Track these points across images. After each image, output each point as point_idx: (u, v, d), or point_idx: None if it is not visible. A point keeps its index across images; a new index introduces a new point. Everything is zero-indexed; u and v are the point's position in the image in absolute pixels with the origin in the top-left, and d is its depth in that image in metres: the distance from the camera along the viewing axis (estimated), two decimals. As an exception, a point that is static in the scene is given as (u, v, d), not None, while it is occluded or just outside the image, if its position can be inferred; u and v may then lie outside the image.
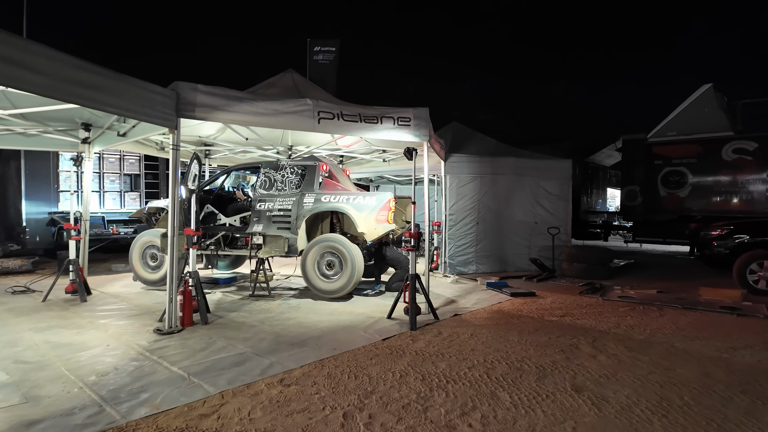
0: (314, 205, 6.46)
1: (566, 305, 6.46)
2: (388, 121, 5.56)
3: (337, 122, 5.37)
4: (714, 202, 12.05)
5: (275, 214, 6.64)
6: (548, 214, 9.48)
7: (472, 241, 9.03)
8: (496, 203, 9.18)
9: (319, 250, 6.40)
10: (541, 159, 9.65)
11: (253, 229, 6.67)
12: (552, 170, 9.53)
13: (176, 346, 4.39)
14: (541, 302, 6.63)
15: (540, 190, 9.44)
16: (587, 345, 4.59)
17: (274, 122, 5.22)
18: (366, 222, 6.30)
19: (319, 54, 17.45)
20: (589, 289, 7.55)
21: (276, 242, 6.52)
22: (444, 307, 6.17)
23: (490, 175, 9.12)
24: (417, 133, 5.69)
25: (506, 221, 9.26)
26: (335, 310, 5.92)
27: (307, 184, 6.70)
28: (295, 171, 6.81)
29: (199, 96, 4.92)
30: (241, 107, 5.10)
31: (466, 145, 9.38)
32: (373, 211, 6.30)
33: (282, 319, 5.40)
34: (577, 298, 7.00)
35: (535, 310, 6.14)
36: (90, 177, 6.94)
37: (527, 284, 8.04)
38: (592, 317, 5.77)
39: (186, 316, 5.06)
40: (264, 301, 6.40)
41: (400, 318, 5.43)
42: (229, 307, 6.02)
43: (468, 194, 8.97)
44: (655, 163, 13.11)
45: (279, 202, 6.65)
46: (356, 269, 6.21)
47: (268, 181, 6.88)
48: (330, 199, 6.44)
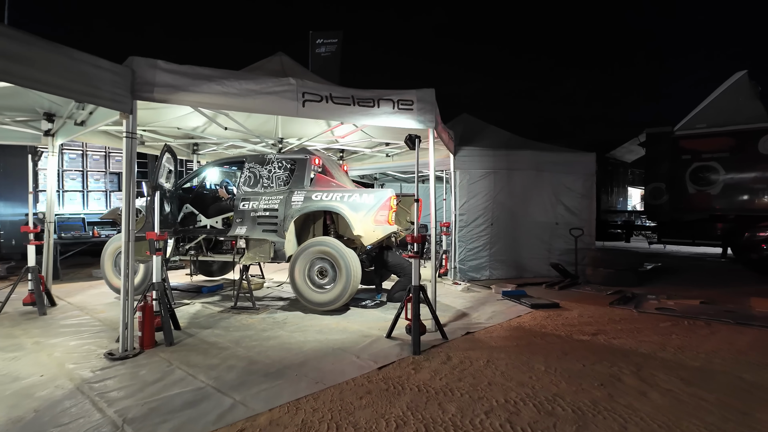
0: (304, 204, 5.63)
1: (596, 319, 5.55)
2: (387, 105, 4.71)
3: (326, 105, 4.52)
4: (750, 200, 10.99)
5: (260, 214, 5.82)
6: (570, 213, 8.55)
7: (486, 244, 8.13)
8: (511, 202, 8.28)
9: (309, 255, 5.56)
10: (562, 152, 8.72)
11: (236, 232, 5.86)
12: (574, 165, 8.59)
13: (125, 377, 3.58)
14: (567, 315, 5.72)
15: (561, 186, 8.51)
16: (632, 375, 3.69)
17: (251, 105, 4.39)
18: (363, 223, 5.45)
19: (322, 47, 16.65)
20: (620, 299, 6.62)
21: (260, 247, 5.70)
22: (454, 322, 5.30)
23: (505, 171, 8.22)
24: (421, 118, 4.83)
25: (523, 222, 8.35)
26: (326, 326, 5.07)
27: (296, 180, 5.87)
28: (283, 166, 5.99)
29: (160, 74, 4.11)
30: (210, 87, 4.28)
31: (478, 138, 8.49)
32: (372, 210, 5.44)
33: (261, 339, 4.57)
34: (607, 310, 6.08)
35: (561, 326, 5.23)
36: (54, 174, 6.18)
37: (548, 293, 7.13)
38: (629, 335, 4.85)
39: (146, 336, 4.25)
40: (247, 314, 5.58)
41: (402, 337, 4.57)
42: (205, 322, 5.21)
43: (480, 192, 8.07)
44: (682, 158, 12.10)
45: (264, 200, 5.83)
46: (352, 278, 5.37)
47: (253, 177, 6.06)
48: (322, 198, 5.60)
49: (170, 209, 5.94)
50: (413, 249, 4.42)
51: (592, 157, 8.76)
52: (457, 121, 9.52)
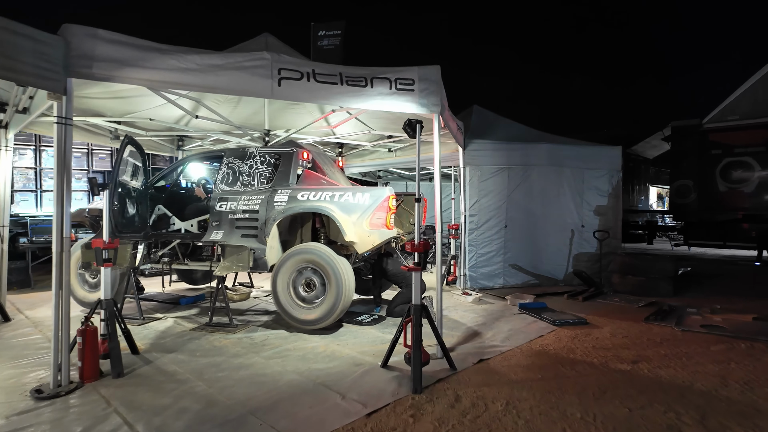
0: (288, 205, 4.82)
1: (633, 340, 4.68)
2: (382, 84, 3.88)
3: (307, 85, 3.71)
4: (790, 198, 10.03)
5: (239, 217, 5.02)
6: (593, 214, 7.66)
7: (499, 248, 7.28)
8: (528, 201, 7.41)
9: (294, 264, 4.76)
10: (585, 146, 7.82)
11: (211, 237, 5.07)
12: (599, 160, 7.70)
13: (44, 426, 2.80)
14: (598, 335, 4.85)
15: (583, 184, 7.63)
16: (696, 426, 2.84)
17: (213, 83, 3.59)
18: (356, 227, 4.63)
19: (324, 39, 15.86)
20: (656, 313, 5.73)
21: (237, 254, 4.91)
22: (464, 344, 4.46)
23: (520, 167, 7.35)
24: (424, 101, 4.00)
25: (542, 223, 7.48)
26: (311, 350, 4.26)
27: (280, 176, 5.07)
28: (266, 160, 5.19)
29: (101, 46, 3.33)
30: (164, 62, 3.49)
31: (490, 131, 7.63)
32: (367, 212, 4.63)
33: (230, 368, 3.78)
34: (643, 327, 5.20)
35: (592, 349, 4.37)
36: (8, 171, 5.44)
37: (571, 305, 6.26)
38: (678, 364, 3.98)
39: (87, 366, 3.49)
40: (222, 332, 4.79)
41: (400, 366, 3.75)
42: (171, 344, 4.43)
43: (493, 190, 7.21)
44: (712, 153, 11.13)
45: (244, 201, 5.04)
46: (344, 291, 4.56)
47: (232, 173, 5.27)
48: (309, 197, 4.79)
49: (138, 211, 5.18)
50: (414, 260, 3.60)
51: (618, 151, 7.86)
52: (467, 113, 8.66)
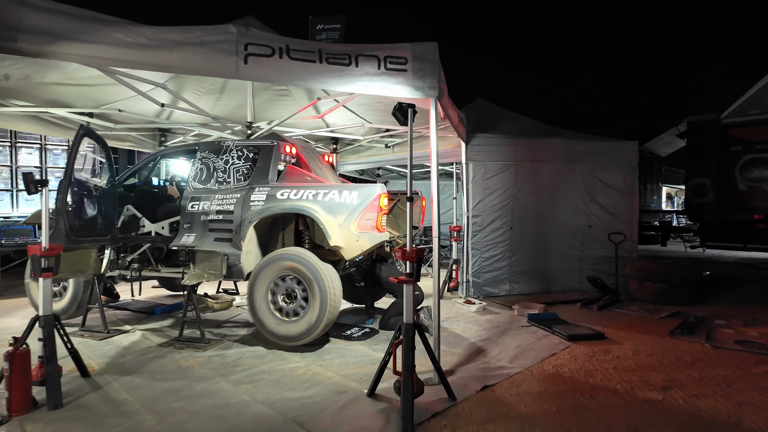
0: (265, 205, 4.26)
1: (660, 359, 4.08)
2: (369, 63, 3.30)
3: (278, 63, 3.14)
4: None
5: (212, 218, 4.47)
6: (607, 214, 7.05)
7: (505, 252, 6.68)
8: (536, 200, 6.82)
9: (273, 272, 4.19)
10: (598, 140, 7.22)
11: (181, 241, 4.52)
12: (613, 156, 7.08)
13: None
14: (618, 353, 4.26)
15: (596, 182, 7.02)
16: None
17: (167, 61, 3.03)
18: (343, 230, 4.06)
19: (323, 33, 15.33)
20: (682, 325, 5.12)
21: (209, 261, 4.35)
22: (465, 365, 3.88)
23: (528, 163, 6.76)
24: (419, 83, 3.41)
25: (551, 225, 6.89)
26: (289, 373, 3.69)
27: (259, 173, 4.50)
28: (243, 155, 4.63)
29: (29, 15, 2.79)
30: (108, 36, 2.93)
31: (495, 126, 7.04)
32: (355, 213, 4.06)
33: (190, 397, 3.21)
34: (668, 342, 4.60)
35: (613, 371, 3.78)
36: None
37: (585, 315, 5.66)
38: (716, 391, 3.39)
39: (15, 397, 2.94)
40: (192, 349, 4.23)
41: (390, 396, 3.18)
42: (130, 364, 3.88)
43: (498, 188, 6.62)
44: (731, 150, 10.49)
45: (217, 200, 4.48)
46: (329, 303, 3.99)
47: (206, 170, 4.72)
48: (289, 196, 4.22)
49: (101, 211, 4.63)
50: (405, 269, 3.03)
51: (633, 147, 7.24)
52: (471, 107, 8.07)
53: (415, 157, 7.28)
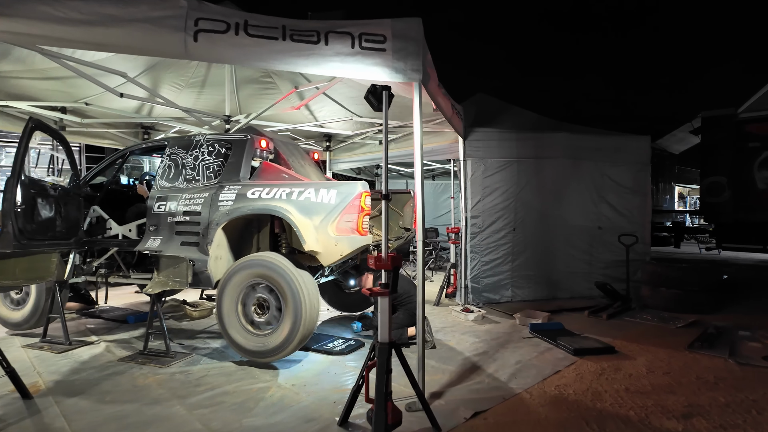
0: (234, 205, 3.84)
1: (678, 379, 3.61)
2: (341, 42, 2.87)
3: (234, 40, 2.72)
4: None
5: (179, 220, 4.06)
6: (618, 215, 6.56)
7: (507, 255, 6.21)
8: (541, 200, 6.34)
9: (243, 280, 3.77)
10: (608, 135, 6.72)
11: (146, 245, 4.12)
12: (623, 151, 6.59)
13: None
14: (631, 370, 3.78)
15: (606, 180, 6.53)
16: None
17: (103, 38, 2.63)
18: (320, 233, 3.63)
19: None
20: (702, 337, 4.63)
21: (174, 267, 3.95)
22: (456, 385, 3.43)
23: (531, 160, 6.29)
24: (400, 65, 2.98)
25: (557, 226, 6.40)
26: (255, 394, 3.27)
27: (230, 170, 4.09)
28: (215, 150, 4.22)
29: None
30: (31, 9, 2.53)
31: (496, 121, 6.57)
32: (333, 213, 3.62)
33: (136, 425, 2.80)
34: (687, 358, 4.12)
35: (625, 393, 3.31)
36: None
37: (593, 324, 5.19)
38: (746, 420, 2.91)
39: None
40: (154, 365, 3.83)
41: (364, 426, 2.74)
42: (82, 382, 3.48)
43: (499, 187, 6.16)
44: (749, 147, 9.92)
45: (185, 200, 4.07)
46: (303, 314, 3.56)
47: (174, 167, 4.31)
48: (261, 195, 3.80)
49: (61, 213, 4.25)
50: (381, 280, 2.59)
51: (645, 142, 6.75)
52: (471, 102, 7.59)
53: (411, 154, 6.86)
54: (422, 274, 3.08)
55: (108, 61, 4.71)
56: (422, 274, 3.08)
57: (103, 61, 4.71)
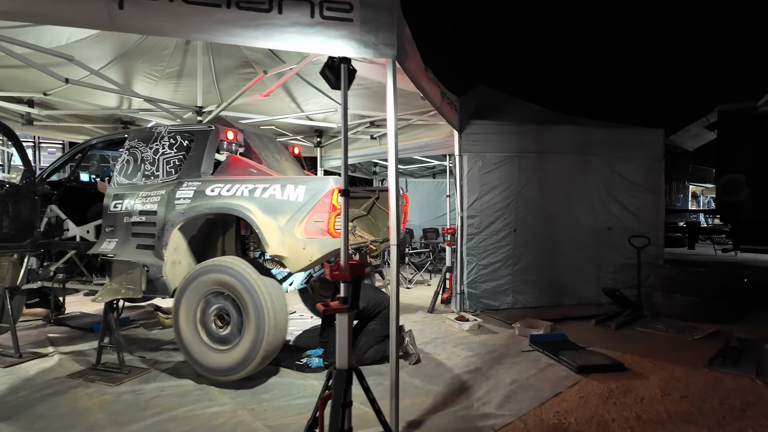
0: (192, 204, 3.42)
1: (697, 403, 3.12)
2: (298, 10, 2.43)
3: (168, 7, 2.29)
4: None
5: (135, 220, 3.65)
6: (628, 214, 6.06)
7: (507, 258, 5.74)
8: (544, 198, 5.86)
9: (201, 288, 3.35)
10: (617, 128, 6.21)
11: (101, 248, 3.72)
12: (634, 146, 6.08)
13: None
14: (642, 392, 3.30)
15: (615, 177, 6.03)
16: None
17: (9, 6, 2.21)
18: (285, 235, 3.19)
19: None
20: (724, 352, 4.12)
21: (127, 273, 3.53)
22: (439, 411, 2.97)
23: (534, 155, 5.81)
24: (369, 38, 2.53)
25: (562, 227, 5.92)
26: (206, 422, 2.84)
27: (190, 164, 3.67)
28: (176, 143, 3.81)
29: None
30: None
31: (497, 114, 6.09)
32: (300, 213, 3.18)
33: (55, 463, 2.39)
34: (707, 377, 3.63)
35: (636, 423, 2.84)
36: None
37: (601, 335, 4.70)
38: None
39: None
40: (105, 382, 3.42)
41: (323, 467, 2.29)
42: (18, 403, 3.08)
43: (498, 184, 5.69)
44: (769, 142, 9.33)
45: (141, 198, 3.66)
46: (267, 328, 3.13)
47: (133, 161, 3.90)
48: (221, 192, 3.37)
49: (10, 213, 3.86)
50: (340, 293, 2.15)
51: (658, 135, 6.23)
52: (470, 95, 7.09)
53: (407, 149, 6.41)
54: (397, 282, 2.63)
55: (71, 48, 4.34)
56: (397, 281, 2.63)
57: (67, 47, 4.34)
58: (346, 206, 2.16)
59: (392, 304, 2.61)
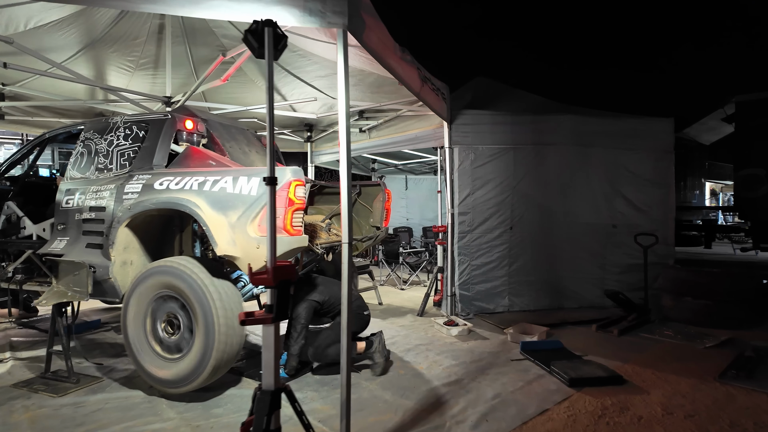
0: (139, 199, 3.12)
1: (705, 425, 2.73)
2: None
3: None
4: None
5: (86, 217, 3.38)
6: (635, 211, 5.63)
7: (502, 258, 5.36)
8: (543, 194, 5.47)
9: (150, 292, 3.06)
10: (621, 118, 5.78)
11: (51, 248, 3.46)
12: (641, 136, 5.65)
13: None
14: (641, 409, 2.92)
15: (621, 170, 5.61)
16: None
17: None
18: (237, 233, 2.88)
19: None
20: (737, 363, 3.69)
21: (74, 274, 3.25)
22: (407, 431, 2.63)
23: (531, 147, 5.42)
24: (315, 5, 2.19)
25: (562, 224, 5.52)
26: (141, 441, 2.54)
27: (143, 155, 3.39)
28: (132, 133, 3.52)
29: None
30: None
31: (494, 105, 5.71)
32: (253, 208, 2.86)
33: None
34: (717, 391, 3.22)
35: (631, 449, 2.46)
36: None
37: (601, 341, 4.30)
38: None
39: None
40: (49, 393, 3.15)
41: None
42: (-55, 418, 2.82)
43: (493, 178, 5.31)
44: (791, 134, 8.77)
45: (92, 193, 3.39)
46: (218, 337, 2.82)
47: (87, 154, 3.64)
48: (169, 186, 3.07)
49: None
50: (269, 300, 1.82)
51: (667, 125, 5.79)
52: (467, 88, 6.68)
53: (396, 142, 6.07)
54: (348, 285, 2.30)
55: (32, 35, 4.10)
56: (348, 284, 2.29)
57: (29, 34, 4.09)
58: (272, 197, 1.83)
59: (343, 312, 2.27)
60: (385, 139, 6.07)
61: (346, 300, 2.27)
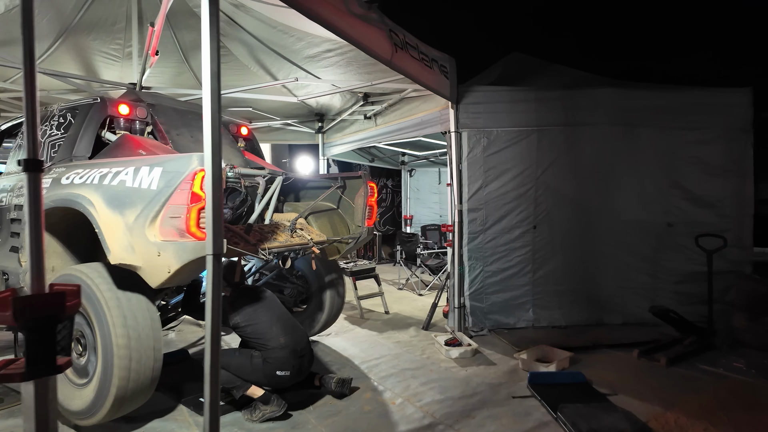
0: (46, 195, 2.68)
1: None
2: None
3: None
4: None
5: (12, 217, 3.03)
6: (697, 206, 4.52)
7: (524, 263, 4.48)
8: (575, 185, 4.51)
9: (56, 304, 2.60)
10: (678, 90, 4.64)
11: (-19, 250, 3.14)
12: (706, 112, 4.51)
13: None
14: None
15: (677, 155, 4.51)
16: None
17: None
18: (134, 236, 2.33)
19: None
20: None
21: (-14, 282, 2.90)
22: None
23: (560, 128, 4.47)
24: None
25: (601, 222, 4.54)
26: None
27: (66, 146, 2.96)
28: (65, 122, 3.12)
29: None
30: None
31: (526, 83, 4.82)
32: (152, 205, 2.30)
33: None
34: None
35: None
36: None
37: (642, 373, 3.35)
38: None
39: None
40: (-36, 414, 2.82)
41: None
42: None
43: (510, 168, 4.44)
44: None
45: (18, 189, 3.03)
46: (118, 359, 2.31)
47: (23, 147, 3.29)
48: (74, 180, 2.59)
49: None
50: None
51: (743, 97, 4.58)
52: (498, 65, 5.79)
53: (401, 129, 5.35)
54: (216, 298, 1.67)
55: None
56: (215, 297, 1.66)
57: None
58: (31, 187, 1.25)
59: (207, 323, 1.65)
60: (394, 125, 5.35)
61: (211, 330, 1.63)
